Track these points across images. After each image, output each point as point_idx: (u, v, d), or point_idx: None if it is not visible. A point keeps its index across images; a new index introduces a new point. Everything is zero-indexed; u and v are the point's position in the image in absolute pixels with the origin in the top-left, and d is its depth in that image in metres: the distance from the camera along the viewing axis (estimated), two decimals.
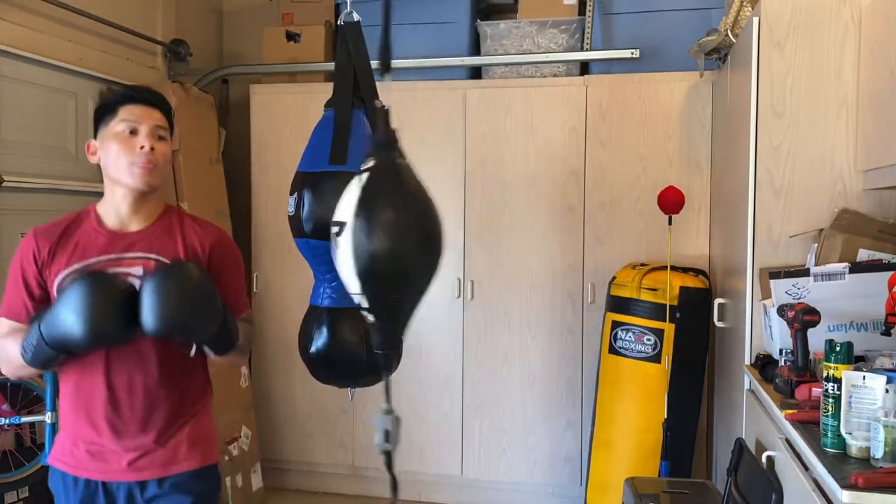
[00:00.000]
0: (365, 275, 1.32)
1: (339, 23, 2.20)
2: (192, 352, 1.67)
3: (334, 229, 1.35)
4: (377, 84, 2.21)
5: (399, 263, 1.33)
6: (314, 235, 2.06)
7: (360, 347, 2.10)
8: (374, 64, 2.10)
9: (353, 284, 1.33)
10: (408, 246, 1.35)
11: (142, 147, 1.68)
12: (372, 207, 1.32)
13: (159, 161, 1.72)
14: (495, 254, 3.65)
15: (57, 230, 1.72)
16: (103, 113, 1.73)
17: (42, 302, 1.69)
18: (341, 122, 2.09)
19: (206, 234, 1.81)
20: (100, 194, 1.78)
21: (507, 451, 3.67)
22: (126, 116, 1.70)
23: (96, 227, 1.73)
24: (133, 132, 1.69)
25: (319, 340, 2.11)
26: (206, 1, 4.40)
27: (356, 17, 2.16)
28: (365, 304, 1.35)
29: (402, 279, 1.36)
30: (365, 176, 1.36)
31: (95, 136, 1.75)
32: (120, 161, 1.68)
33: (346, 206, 1.34)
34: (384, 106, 1.52)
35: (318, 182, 2.07)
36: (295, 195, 2.11)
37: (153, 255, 1.71)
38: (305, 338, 2.17)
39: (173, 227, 1.78)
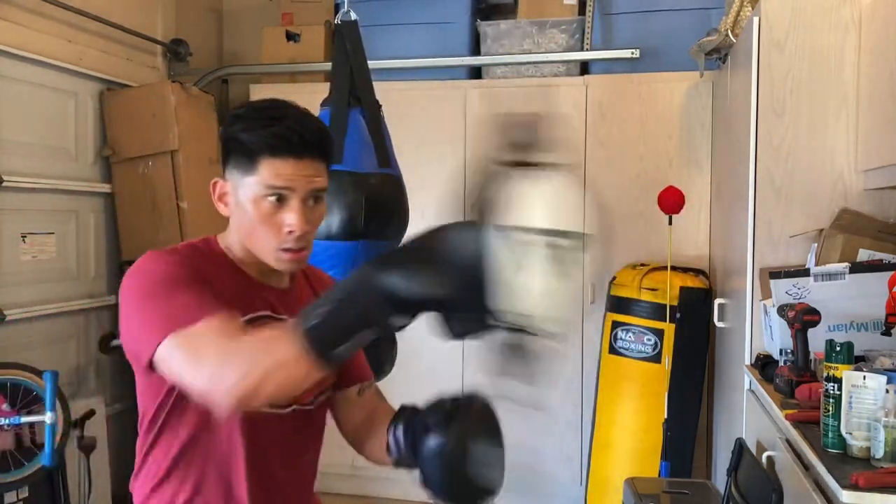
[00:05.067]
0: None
1: (336, 22, 2.20)
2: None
3: (560, 240, 0.99)
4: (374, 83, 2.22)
5: None
6: None
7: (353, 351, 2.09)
8: (371, 63, 2.10)
9: (556, 308, 1.01)
10: None
11: (291, 231, 1.18)
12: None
13: (313, 238, 1.25)
14: None
15: (197, 259, 1.23)
16: (235, 151, 1.20)
17: None
18: (337, 120, 2.09)
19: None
20: (100, 194, 1.69)
21: (506, 450, 3.66)
22: (271, 180, 1.16)
23: (235, 273, 1.26)
24: (281, 200, 1.18)
25: None
26: (206, 1, 4.40)
27: (353, 16, 2.16)
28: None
29: None
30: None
31: (224, 170, 1.23)
32: (260, 242, 1.21)
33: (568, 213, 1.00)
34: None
35: None
36: None
37: (284, 317, 1.27)
38: None
39: (307, 283, 1.39)
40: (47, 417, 2.59)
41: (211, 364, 1.03)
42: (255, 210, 1.18)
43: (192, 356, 1.05)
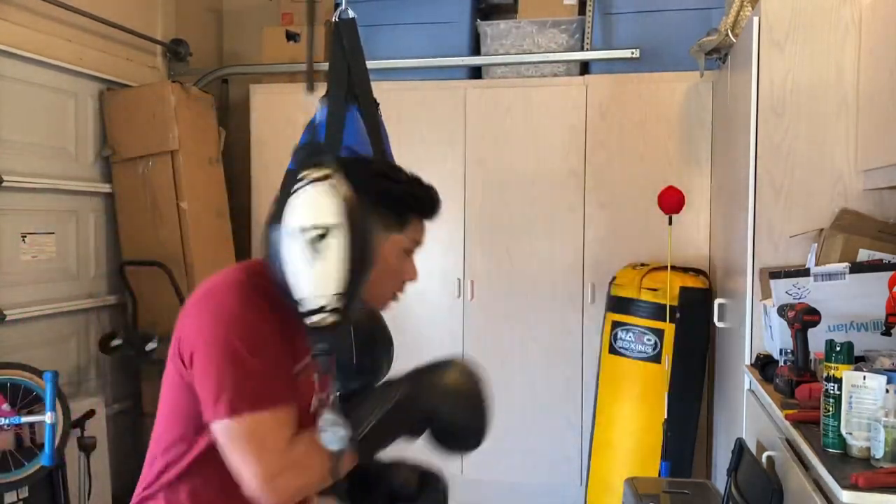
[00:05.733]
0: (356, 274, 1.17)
1: (334, 19, 2.20)
2: None
3: (314, 233, 1.14)
4: (374, 83, 2.22)
5: None
6: None
7: (349, 351, 2.08)
8: (371, 63, 2.09)
9: (331, 288, 1.15)
10: None
11: (412, 279, 1.34)
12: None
13: None
14: (495, 254, 3.65)
15: (273, 306, 1.21)
16: (385, 206, 1.26)
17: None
18: (334, 118, 2.09)
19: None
20: (100, 194, 1.71)
21: (507, 451, 3.66)
22: (419, 237, 1.34)
23: (290, 312, 1.20)
24: (408, 253, 1.33)
25: None
26: (206, 1, 4.40)
27: (351, 13, 2.16)
28: (340, 306, 1.19)
29: None
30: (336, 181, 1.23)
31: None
32: (381, 289, 1.31)
33: (327, 210, 1.15)
34: None
35: None
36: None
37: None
38: None
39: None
40: (47, 417, 2.59)
41: (265, 472, 1.13)
42: (392, 261, 1.29)
43: (251, 455, 1.13)
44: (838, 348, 1.56)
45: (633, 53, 3.48)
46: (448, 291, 3.67)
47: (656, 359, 3.10)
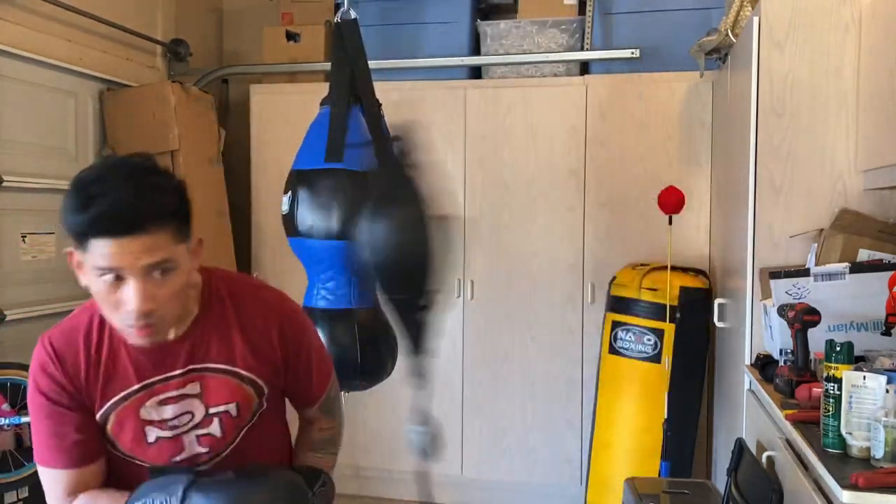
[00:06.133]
0: (386, 276, 1.26)
1: (335, 20, 2.20)
2: None
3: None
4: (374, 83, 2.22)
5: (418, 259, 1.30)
6: (309, 234, 2.05)
7: (354, 351, 2.09)
8: (372, 63, 2.10)
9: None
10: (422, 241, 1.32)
11: (130, 310, 1.18)
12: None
13: (168, 310, 1.22)
14: (495, 254, 3.65)
15: (77, 358, 1.30)
16: (68, 230, 1.21)
17: (92, 433, 1.31)
18: (337, 119, 2.09)
19: (271, 317, 1.38)
20: None
21: (507, 451, 3.66)
22: (99, 261, 1.15)
23: (127, 348, 1.30)
24: (119, 278, 1.17)
25: None
26: (206, 1, 4.40)
27: (353, 14, 2.16)
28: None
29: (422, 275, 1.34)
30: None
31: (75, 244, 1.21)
32: (109, 317, 1.24)
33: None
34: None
35: (313, 180, 2.06)
36: (289, 193, 2.10)
37: (209, 365, 1.31)
38: None
39: (226, 316, 1.34)
40: None
41: None
42: (95, 289, 1.20)
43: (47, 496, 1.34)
44: (838, 348, 1.56)
45: (632, 53, 3.48)
46: (448, 291, 3.67)
47: (656, 359, 3.10)
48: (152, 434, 1.33)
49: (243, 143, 4.01)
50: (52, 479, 1.32)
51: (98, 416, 1.31)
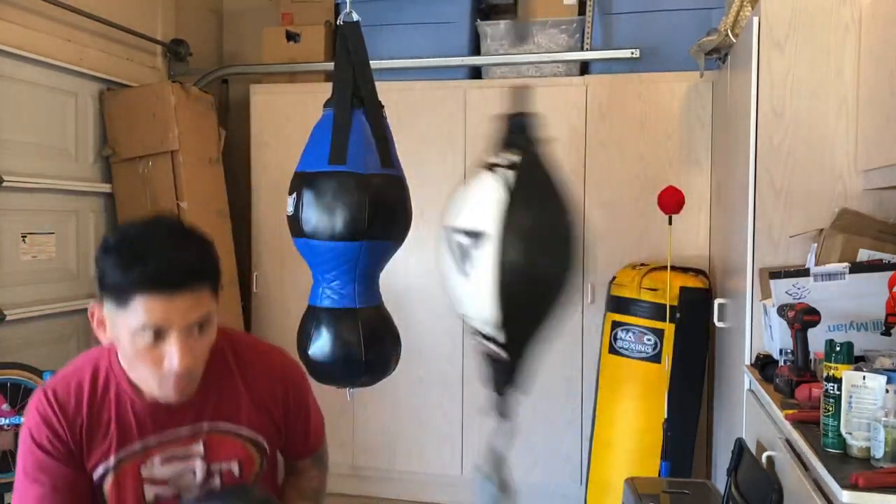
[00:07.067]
0: (514, 299, 1.01)
1: (338, 22, 2.20)
2: None
3: (464, 240, 1.06)
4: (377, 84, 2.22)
5: (557, 283, 1.02)
6: (313, 235, 2.06)
7: (359, 347, 2.09)
8: (371, 63, 2.09)
9: (485, 311, 0.99)
10: (563, 261, 1.03)
11: (169, 367, 1.19)
12: (524, 215, 1.00)
13: (201, 365, 1.25)
14: None
15: (80, 403, 1.27)
16: (107, 286, 1.19)
17: (83, 494, 1.28)
18: (340, 121, 2.09)
19: (275, 376, 1.39)
20: (100, 194, 1.68)
21: (507, 451, 3.66)
22: (145, 319, 1.16)
23: (132, 396, 1.28)
24: (158, 335, 1.18)
25: (318, 340, 2.11)
26: (206, 1, 4.40)
27: (355, 16, 2.16)
28: (500, 338, 1.03)
29: (554, 301, 1.05)
30: (510, 175, 1.03)
31: (99, 296, 1.22)
32: (141, 376, 1.24)
33: (483, 213, 1.01)
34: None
35: (316, 182, 2.07)
36: (294, 195, 2.11)
37: (216, 424, 1.31)
38: (304, 338, 2.17)
39: (230, 372, 1.34)
40: None
41: None
42: (132, 347, 1.19)
43: None
44: (838, 348, 1.56)
45: (632, 53, 3.48)
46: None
47: (656, 359, 3.10)
48: (151, 492, 1.31)
49: (243, 143, 4.01)
50: None
51: (95, 474, 1.28)
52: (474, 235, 1.01)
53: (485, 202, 1.03)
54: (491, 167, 1.02)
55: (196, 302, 1.19)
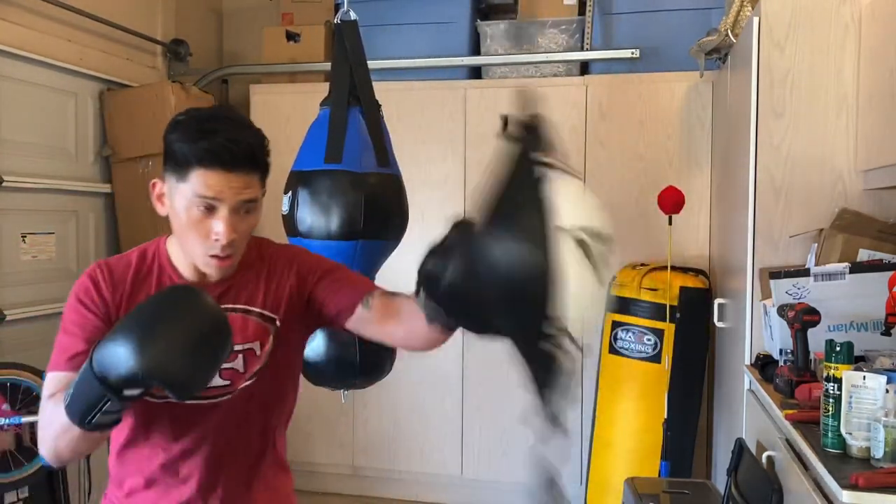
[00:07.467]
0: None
1: (335, 21, 2.20)
2: None
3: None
4: (374, 83, 2.22)
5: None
6: (309, 235, 2.06)
7: (353, 349, 2.09)
8: (371, 63, 2.09)
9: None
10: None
11: (217, 239, 1.27)
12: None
13: (241, 245, 1.34)
14: None
15: (126, 273, 1.37)
16: (171, 158, 1.30)
17: None
18: (337, 120, 2.09)
19: (287, 257, 1.48)
20: (100, 194, 1.71)
21: (507, 451, 3.66)
22: (201, 190, 1.26)
23: (171, 276, 1.38)
24: (210, 209, 1.27)
25: (312, 342, 2.10)
26: (206, 1, 4.40)
27: (353, 15, 2.16)
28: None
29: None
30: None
31: (163, 171, 1.33)
32: (190, 245, 1.32)
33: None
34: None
35: (312, 180, 2.07)
36: (289, 194, 2.11)
37: (236, 306, 1.39)
38: None
39: (253, 265, 1.43)
40: None
41: (39, 425, 1.30)
42: (186, 216, 1.28)
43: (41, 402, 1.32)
44: (838, 348, 1.56)
45: (632, 53, 3.48)
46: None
47: (656, 359, 3.10)
48: None
49: None
50: (55, 380, 1.31)
51: None
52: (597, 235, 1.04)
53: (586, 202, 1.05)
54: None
55: (248, 183, 1.29)
